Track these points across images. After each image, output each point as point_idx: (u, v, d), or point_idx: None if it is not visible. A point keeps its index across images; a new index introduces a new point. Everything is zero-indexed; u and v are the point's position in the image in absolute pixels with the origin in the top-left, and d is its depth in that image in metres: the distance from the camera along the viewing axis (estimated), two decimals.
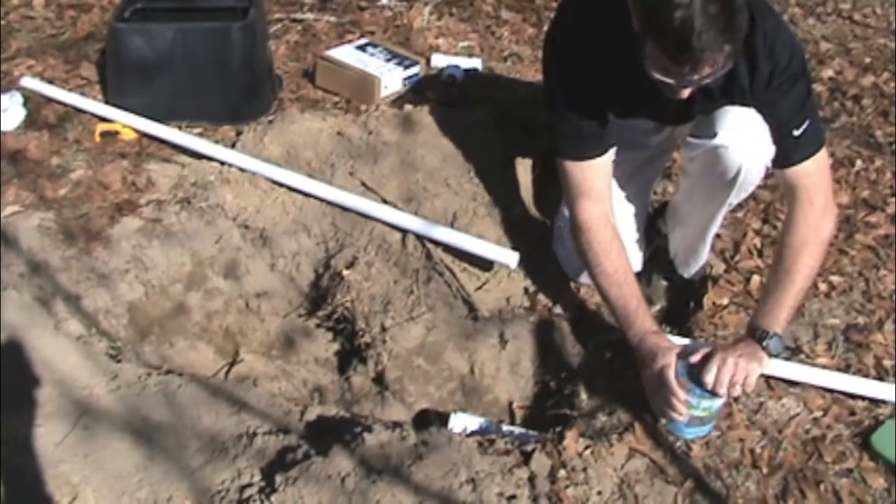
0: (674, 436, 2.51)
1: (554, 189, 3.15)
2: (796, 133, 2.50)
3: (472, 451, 2.35)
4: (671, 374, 2.40)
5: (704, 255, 2.98)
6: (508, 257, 2.96)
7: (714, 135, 2.52)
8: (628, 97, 2.54)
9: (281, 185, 3.18)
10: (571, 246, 3.00)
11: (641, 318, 2.56)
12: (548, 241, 3.16)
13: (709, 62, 2.13)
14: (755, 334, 2.47)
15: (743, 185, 2.59)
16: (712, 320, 2.92)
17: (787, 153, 2.54)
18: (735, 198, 2.67)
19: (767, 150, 2.52)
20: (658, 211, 3.24)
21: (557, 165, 2.70)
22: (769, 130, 2.51)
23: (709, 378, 2.36)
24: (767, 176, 2.67)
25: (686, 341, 2.76)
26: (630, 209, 3.03)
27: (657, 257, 3.10)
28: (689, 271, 3.05)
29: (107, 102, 3.58)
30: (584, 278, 3.06)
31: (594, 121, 2.61)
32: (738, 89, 2.47)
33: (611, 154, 2.68)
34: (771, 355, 2.47)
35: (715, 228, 2.84)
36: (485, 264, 3.05)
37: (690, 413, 2.45)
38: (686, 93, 2.31)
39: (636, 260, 3.06)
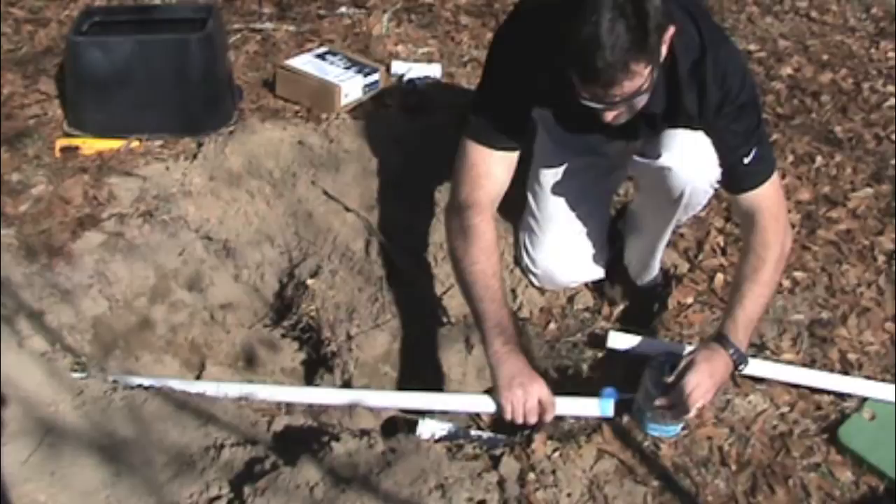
0: (642, 434, 2.52)
1: (517, 194, 3.16)
2: (746, 160, 2.46)
3: (440, 457, 2.35)
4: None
5: (656, 267, 3.01)
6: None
7: (658, 156, 2.50)
8: (574, 114, 2.53)
9: None
10: (535, 255, 3.01)
11: (511, 329, 2.53)
12: (511, 247, 3.16)
13: (618, 82, 2.07)
14: (732, 352, 2.47)
15: (689, 205, 2.60)
16: (677, 319, 2.93)
17: (739, 180, 2.51)
18: (683, 215, 2.67)
19: (713, 172, 2.51)
20: (620, 212, 3.24)
21: (461, 145, 2.58)
22: (717, 154, 2.48)
23: (681, 400, 2.40)
24: (713, 196, 2.70)
25: (652, 342, 2.78)
26: (593, 213, 3.05)
27: (620, 258, 3.11)
28: (642, 280, 3.06)
29: (66, 117, 3.56)
30: (550, 285, 3.08)
31: (517, 119, 2.56)
32: (683, 116, 2.43)
33: (515, 157, 2.60)
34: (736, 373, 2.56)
35: (664, 243, 2.86)
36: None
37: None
38: (610, 116, 2.25)
39: (600, 262, 3.08)
